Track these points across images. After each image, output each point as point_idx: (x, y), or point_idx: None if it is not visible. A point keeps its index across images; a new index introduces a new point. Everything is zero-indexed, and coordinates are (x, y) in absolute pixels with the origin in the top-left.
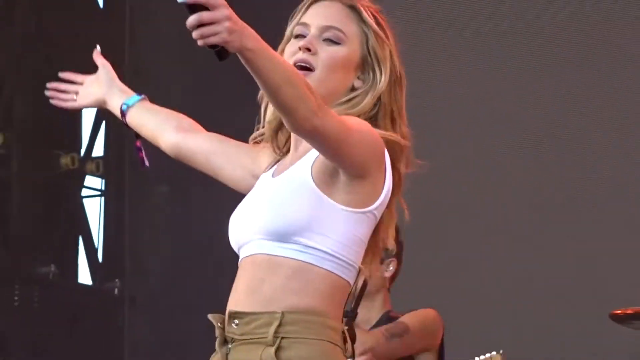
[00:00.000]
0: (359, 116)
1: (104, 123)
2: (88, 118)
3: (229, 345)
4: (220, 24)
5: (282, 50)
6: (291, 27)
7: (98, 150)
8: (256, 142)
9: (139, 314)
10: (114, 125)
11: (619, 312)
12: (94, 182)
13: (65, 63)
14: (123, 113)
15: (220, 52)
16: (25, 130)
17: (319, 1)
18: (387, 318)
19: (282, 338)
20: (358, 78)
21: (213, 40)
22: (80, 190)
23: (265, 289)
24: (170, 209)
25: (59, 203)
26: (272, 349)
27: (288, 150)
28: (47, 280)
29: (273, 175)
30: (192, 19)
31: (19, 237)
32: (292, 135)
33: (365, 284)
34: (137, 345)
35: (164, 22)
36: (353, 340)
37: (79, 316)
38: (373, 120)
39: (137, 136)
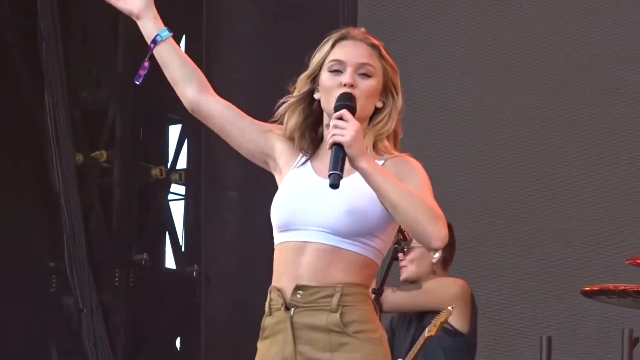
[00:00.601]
0: (392, 130)
1: (186, 142)
2: (173, 137)
3: (291, 311)
4: (350, 129)
5: (308, 75)
6: (319, 60)
7: (181, 164)
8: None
9: (213, 291)
10: (194, 143)
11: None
12: (177, 189)
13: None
14: (155, 42)
15: (334, 185)
16: (124, 148)
17: (345, 40)
18: None
19: (343, 306)
20: (379, 100)
21: (339, 139)
22: (167, 196)
23: (329, 272)
24: (237, 209)
25: (150, 205)
26: (337, 315)
27: (313, 150)
28: (141, 266)
29: (322, 176)
30: (335, 116)
31: (119, 232)
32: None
33: (389, 267)
34: (212, 317)
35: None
36: (379, 312)
37: (165, 293)
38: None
39: (150, 58)
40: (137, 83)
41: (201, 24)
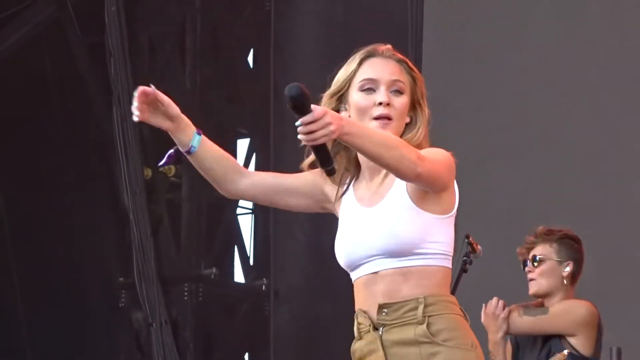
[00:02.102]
0: (420, 142)
1: (254, 155)
2: (242, 151)
3: (380, 330)
4: (326, 128)
5: (333, 94)
6: (346, 78)
7: None
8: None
9: (282, 305)
10: (262, 157)
11: None
12: (246, 203)
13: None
14: (189, 152)
15: (329, 170)
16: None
17: (373, 57)
18: None
19: (429, 316)
20: (407, 115)
21: (325, 139)
22: (236, 210)
23: (404, 291)
24: (306, 223)
25: (219, 219)
26: (424, 326)
27: (356, 170)
28: (210, 280)
29: (364, 205)
30: (301, 130)
31: (188, 246)
32: (365, 167)
33: (459, 279)
34: (280, 331)
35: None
36: None
37: (235, 307)
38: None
39: (178, 151)
40: (159, 166)
41: (269, 39)
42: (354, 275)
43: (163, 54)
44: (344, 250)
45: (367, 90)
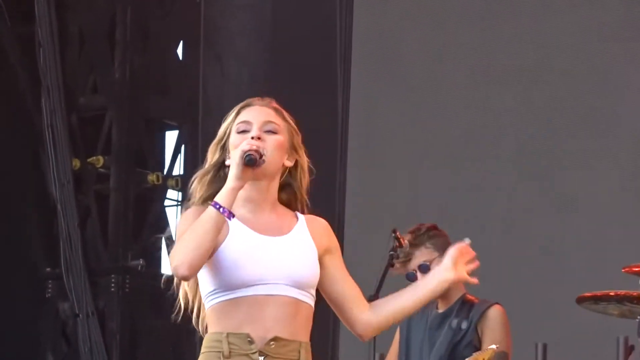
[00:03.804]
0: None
1: (183, 148)
2: (170, 143)
3: (261, 359)
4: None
5: (217, 143)
6: (226, 127)
7: (177, 170)
8: None
9: None
10: (191, 149)
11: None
12: (174, 194)
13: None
14: (230, 217)
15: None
16: (121, 154)
17: (249, 106)
18: (462, 301)
19: None
20: (287, 158)
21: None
22: (163, 201)
23: (295, 324)
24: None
25: (146, 211)
26: None
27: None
28: (137, 271)
29: (266, 234)
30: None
31: (115, 237)
32: (266, 201)
33: (385, 273)
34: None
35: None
36: None
37: (161, 299)
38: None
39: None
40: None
41: (199, 31)
42: (232, 294)
43: (93, 45)
44: (254, 270)
45: (242, 132)
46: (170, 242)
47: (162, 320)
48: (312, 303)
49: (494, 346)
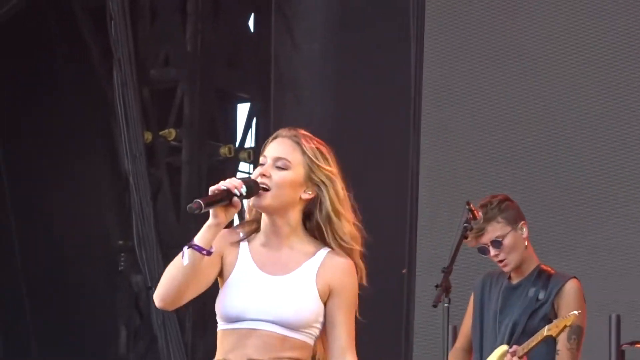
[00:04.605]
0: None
1: (255, 120)
2: (242, 116)
3: None
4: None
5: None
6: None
7: (249, 142)
8: None
9: None
10: (263, 122)
11: None
12: (246, 167)
13: (223, 73)
14: (209, 253)
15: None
16: (193, 126)
17: (277, 138)
18: (538, 271)
19: None
20: (304, 192)
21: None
22: (236, 174)
23: (280, 351)
24: None
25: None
26: None
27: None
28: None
29: (267, 272)
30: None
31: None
32: (268, 232)
33: (459, 245)
34: None
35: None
36: (448, 290)
37: None
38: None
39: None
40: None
41: (270, 3)
42: (225, 325)
43: (164, 18)
44: (237, 306)
45: (260, 165)
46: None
47: None
48: (310, 340)
49: (575, 312)
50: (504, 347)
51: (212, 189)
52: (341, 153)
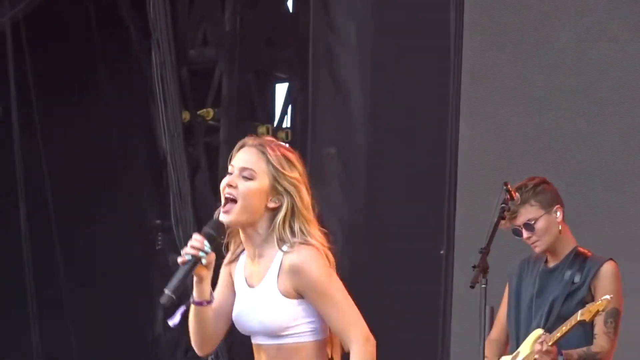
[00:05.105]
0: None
1: (292, 100)
2: (280, 95)
3: None
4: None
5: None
6: (229, 162)
7: (287, 122)
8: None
9: None
10: (301, 102)
11: None
12: None
13: (261, 53)
14: (209, 302)
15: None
16: (231, 106)
17: (244, 147)
18: (575, 254)
19: None
20: (270, 200)
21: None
22: None
23: None
24: (342, 172)
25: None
26: None
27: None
28: None
29: (248, 284)
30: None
31: None
32: (248, 246)
33: (497, 226)
34: None
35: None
36: (485, 271)
37: None
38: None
39: (188, 307)
40: (171, 324)
41: None
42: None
43: None
44: (237, 322)
45: (228, 174)
46: None
47: None
48: (304, 338)
49: (608, 296)
50: (539, 332)
51: (179, 260)
52: (378, 134)
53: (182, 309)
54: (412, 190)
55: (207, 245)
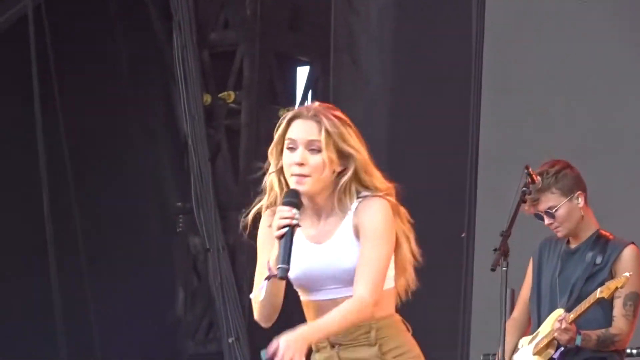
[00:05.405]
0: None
1: (314, 83)
2: (301, 79)
3: (336, 349)
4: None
5: (273, 152)
6: (279, 137)
7: None
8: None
9: None
10: (322, 85)
11: None
12: None
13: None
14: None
15: (282, 277)
16: (252, 89)
17: (297, 119)
18: (597, 236)
19: (380, 338)
20: (338, 165)
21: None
22: None
23: None
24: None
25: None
26: (376, 347)
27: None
28: None
29: (314, 241)
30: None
31: (246, 172)
32: (307, 207)
33: (518, 209)
34: None
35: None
36: (506, 254)
37: None
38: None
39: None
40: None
41: None
42: (306, 297)
43: None
44: (299, 281)
45: (290, 149)
46: None
47: None
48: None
49: (627, 274)
50: (559, 311)
51: (276, 235)
52: (400, 115)
53: (264, 284)
54: (434, 172)
55: (296, 213)
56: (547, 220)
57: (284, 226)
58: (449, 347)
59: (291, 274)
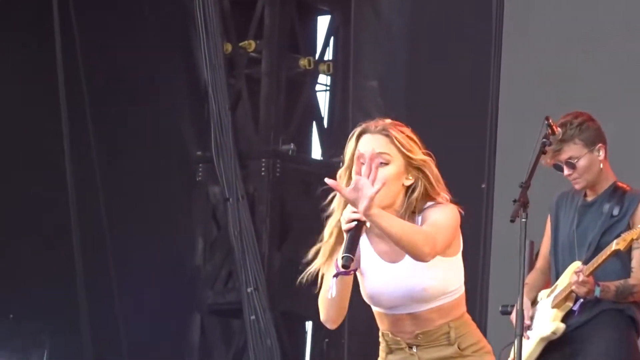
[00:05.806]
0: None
1: (334, 32)
2: (322, 28)
3: (414, 349)
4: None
5: (346, 169)
6: (350, 154)
7: (329, 55)
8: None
9: None
10: (343, 35)
11: None
12: (324, 79)
13: None
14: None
15: (345, 265)
16: (273, 38)
17: (365, 134)
18: (614, 188)
19: (458, 337)
20: (406, 179)
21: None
22: (315, 86)
23: (436, 321)
24: (380, 101)
25: (297, 96)
26: (455, 345)
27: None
28: (288, 156)
29: (387, 259)
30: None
31: (266, 121)
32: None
33: (537, 160)
34: None
35: None
36: (525, 205)
37: (311, 184)
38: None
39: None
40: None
41: None
42: (381, 310)
43: None
44: (374, 300)
45: (360, 164)
46: None
47: (311, 205)
48: (452, 298)
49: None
50: (577, 264)
51: (345, 228)
52: (419, 67)
53: (333, 281)
54: (453, 123)
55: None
56: (566, 171)
57: (354, 220)
58: (467, 297)
59: (365, 293)
